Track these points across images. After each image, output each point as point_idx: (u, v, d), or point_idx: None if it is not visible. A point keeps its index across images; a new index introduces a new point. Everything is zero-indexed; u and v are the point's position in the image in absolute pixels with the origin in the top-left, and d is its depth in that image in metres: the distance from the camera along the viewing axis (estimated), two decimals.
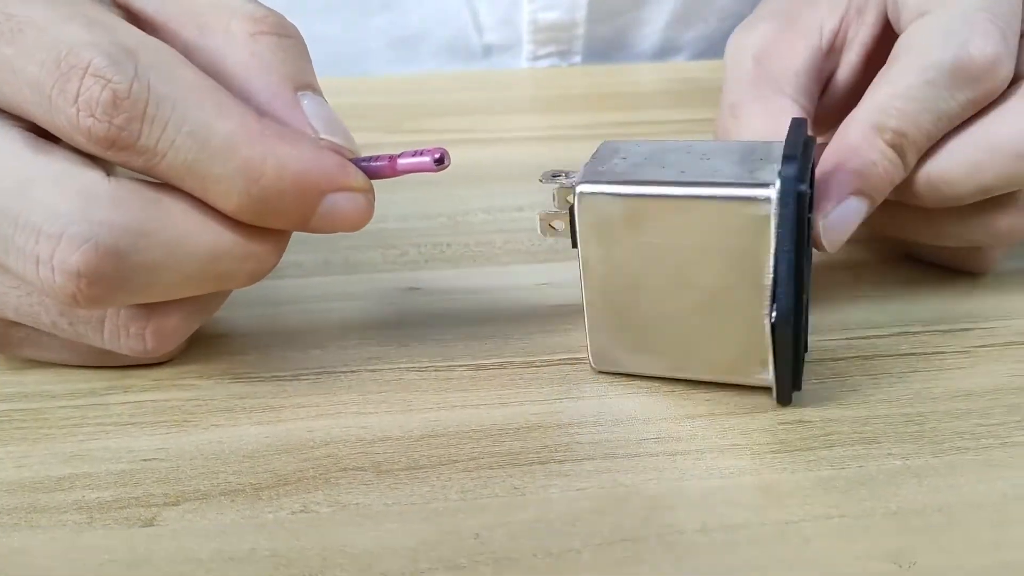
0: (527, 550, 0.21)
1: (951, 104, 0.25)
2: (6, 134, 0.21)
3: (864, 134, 0.26)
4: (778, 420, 0.24)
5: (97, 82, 0.19)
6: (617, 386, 0.26)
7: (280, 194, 0.21)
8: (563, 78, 0.51)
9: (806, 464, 0.23)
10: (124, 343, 0.23)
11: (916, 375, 0.26)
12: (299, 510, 0.22)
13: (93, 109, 0.19)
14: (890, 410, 0.25)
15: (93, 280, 0.20)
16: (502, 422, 0.24)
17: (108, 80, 0.19)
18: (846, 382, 0.26)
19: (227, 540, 0.21)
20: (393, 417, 0.25)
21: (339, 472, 0.23)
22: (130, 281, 0.21)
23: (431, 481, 0.23)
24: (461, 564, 0.20)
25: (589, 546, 0.21)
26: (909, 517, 0.21)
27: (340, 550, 0.21)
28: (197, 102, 0.20)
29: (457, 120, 0.45)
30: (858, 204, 0.26)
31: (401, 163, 0.24)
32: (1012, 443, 0.24)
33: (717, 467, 0.23)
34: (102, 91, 0.19)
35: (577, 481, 0.22)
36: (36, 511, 0.22)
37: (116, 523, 0.21)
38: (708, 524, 0.21)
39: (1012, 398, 0.25)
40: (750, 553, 0.21)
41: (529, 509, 0.22)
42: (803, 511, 0.22)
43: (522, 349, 0.27)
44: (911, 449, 0.23)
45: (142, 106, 0.19)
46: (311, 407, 0.25)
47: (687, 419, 0.24)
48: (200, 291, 0.22)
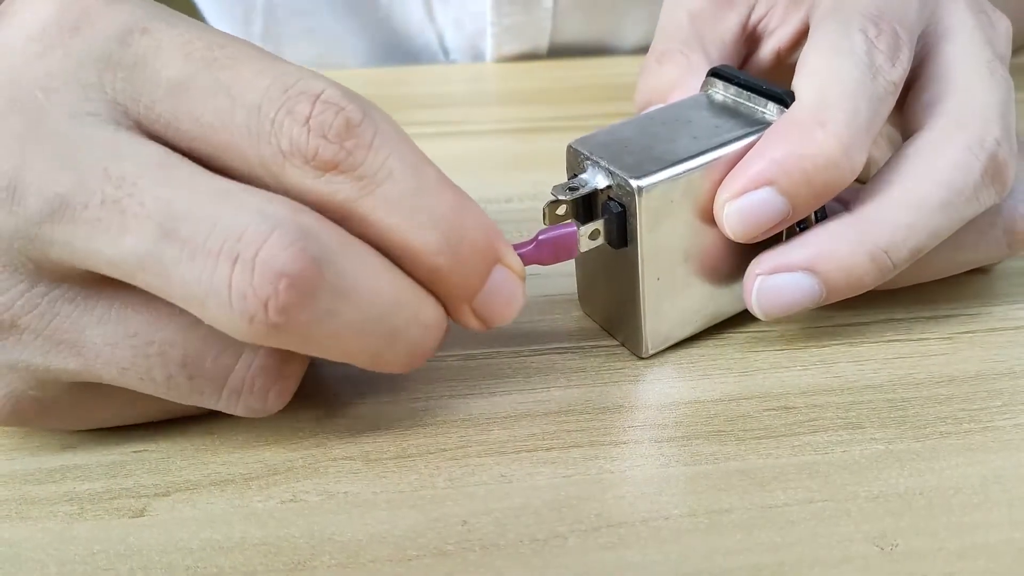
0: (514, 536, 0.21)
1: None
2: (191, 164, 0.20)
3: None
4: (764, 406, 0.25)
5: (330, 108, 0.20)
6: (604, 374, 0.26)
7: (472, 245, 0.21)
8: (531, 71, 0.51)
9: (791, 449, 0.23)
10: (242, 401, 0.22)
11: (900, 361, 0.26)
12: (288, 499, 0.22)
13: (325, 131, 0.19)
14: (874, 396, 0.25)
15: (293, 283, 0.19)
16: (491, 411, 0.25)
17: (342, 107, 0.20)
18: (831, 368, 0.26)
19: (217, 529, 0.21)
20: (382, 407, 0.25)
21: (328, 461, 0.23)
22: (319, 303, 0.19)
23: (419, 469, 0.23)
24: (448, 551, 0.21)
25: (575, 532, 0.21)
26: (891, 500, 0.22)
27: (329, 538, 0.21)
28: (410, 145, 0.21)
29: (427, 113, 0.45)
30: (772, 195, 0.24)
31: (542, 238, 0.24)
32: (993, 427, 0.24)
33: (703, 453, 0.23)
34: (336, 116, 0.19)
35: (564, 468, 0.23)
36: (27, 503, 0.22)
37: (107, 514, 0.22)
38: (693, 509, 0.22)
39: (994, 383, 0.25)
40: (735, 537, 0.21)
41: (516, 496, 0.22)
42: (787, 495, 0.22)
43: (511, 339, 0.28)
44: (894, 434, 0.24)
45: (370, 136, 0.20)
46: (300, 398, 0.25)
47: (673, 406, 0.25)
48: (364, 344, 0.21)
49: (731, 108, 0.26)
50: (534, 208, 0.32)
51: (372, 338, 0.20)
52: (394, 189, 0.20)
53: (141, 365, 0.21)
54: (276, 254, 0.19)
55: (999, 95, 0.26)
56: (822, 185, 0.24)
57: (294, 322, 0.19)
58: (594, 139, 0.25)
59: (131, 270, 0.19)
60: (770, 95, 0.26)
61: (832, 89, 0.24)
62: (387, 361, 0.21)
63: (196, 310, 0.19)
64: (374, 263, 0.20)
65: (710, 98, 0.27)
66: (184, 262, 0.19)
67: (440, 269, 0.21)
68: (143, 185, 0.19)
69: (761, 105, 0.26)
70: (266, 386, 0.21)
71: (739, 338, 0.27)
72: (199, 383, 0.21)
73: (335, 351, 0.20)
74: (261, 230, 0.19)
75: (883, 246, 0.24)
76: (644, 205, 0.24)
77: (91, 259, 0.19)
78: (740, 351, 0.27)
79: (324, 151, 0.19)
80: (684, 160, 0.24)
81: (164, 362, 0.21)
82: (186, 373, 0.21)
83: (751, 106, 0.26)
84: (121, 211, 0.19)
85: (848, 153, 0.24)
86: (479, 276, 0.21)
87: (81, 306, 0.20)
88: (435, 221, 0.20)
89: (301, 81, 0.20)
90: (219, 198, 0.19)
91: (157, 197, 0.19)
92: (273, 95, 0.20)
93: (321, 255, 0.19)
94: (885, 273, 0.25)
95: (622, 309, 0.26)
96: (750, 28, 0.31)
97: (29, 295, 0.20)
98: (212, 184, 0.19)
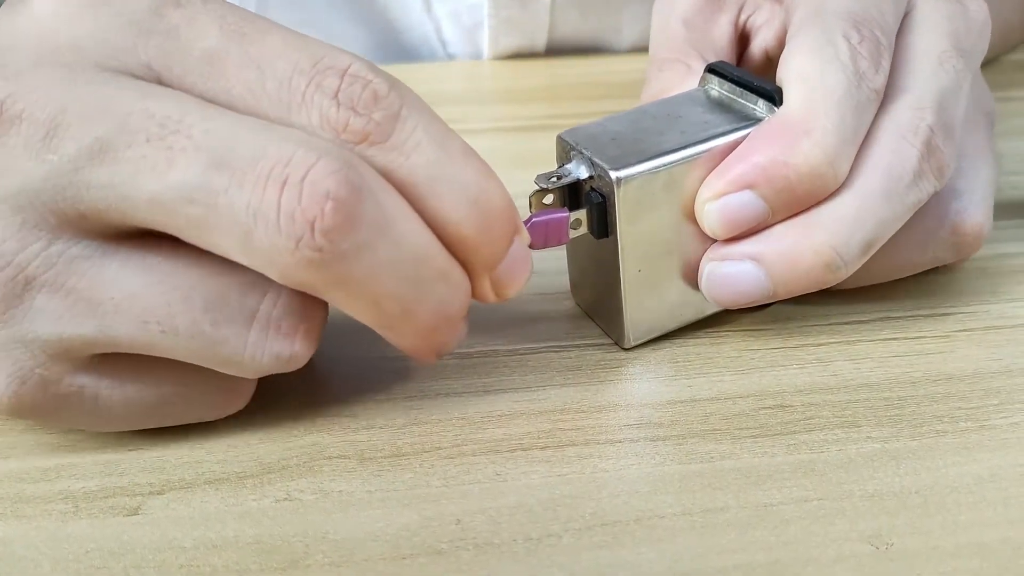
0: (508, 535, 0.21)
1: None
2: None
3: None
4: (759, 405, 0.25)
5: (358, 81, 0.20)
6: (600, 372, 0.26)
7: (499, 215, 0.21)
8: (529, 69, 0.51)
9: (786, 448, 0.23)
10: (269, 346, 0.21)
11: (897, 359, 0.26)
12: (283, 498, 0.22)
13: (354, 104, 0.20)
14: (871, 394, 0.25)
15: (338, 206, 0.19)
16: (486, 409, 0.25)
17: (369, 80, 0.20)
18: (828, 367, 0.26)
19: (211, 528, 0.21)
20: (377, 405, 0.25)
21: (323, 460, 0.23)
22: (360, 232, 0.19)
23: (414, 468, 0.23)
24: (442, 549, 0.21)
25: (569, 531, 0.21)
26: (887, 499, 0.22)
27: (323, 537, 0.21)
28: (436, 117, 0.21)
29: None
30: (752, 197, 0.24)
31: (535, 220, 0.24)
32: (990, 426, 0.24)
33: (697, 452, 0.23)
34: (363, 90, 0.20)
35: (558, 467, 0.23)
36: (22, 501, 0.22)
37: (101, 512, 0.22)
38: (688, 508, 0.22)
39: (991, 382, 0.25)
40: (729, 536, 0.21)
41: (510, 495, 0.22)
42: (782, 494, 0.22)
43: (507, 338, 0.28)
44: (890, 432, 0.24)
45: (397, 107, 0.20)
46: (295, 396, 0.25)
47: (668, 404, 0.25)
48: (395, 289, 0.20)
49: (725, 104, 0.26)
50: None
51: (403, 284, 0.20)
52: (422, 160, 0.20)
53: (163, 314, 0.20)
54: (323, 178, 0.19)
55: (940, 84, 0.25)
56: (804, 193, 0.24)
57: (335, 250, 0.19)
58: (583, 130, 0.26)
59: (175, 205, 0.19)
60: (760, 92, 0.25)
61: (819, 96, 0.24)
62: (413, 319, 0.21)
63: (239, 242, 0.19)
64: (409, 208, 0.21)
65: (706, 94, 0.27)
66: (233, 189, 0.19)
67: (468, 239, 0.21)
68: (189, 121, 0.19)
69: (752, 102, 0.26)
70: (293, 327, 0.21)
71: (735, 336, 0.27)
72: (223, 331, 0.21)
73: (366, 294, 0.20)
74: (309, 157, 0.19)
75: (828, 240, 0.24)
76: (622, 196, 0.24)
77: (129, 200, 0.19)
78: (736, 349, 0.27)
79: (354, 123, 0.20)
80: (667, 153, 0.24)
81: (188, 308, 0.21)
82: (210, 319, 0.21)
83: (743, 103, 0.26)
84: (168, 147, 0.19)
85: (833, 163, 0.24)
86: (503, 246, 0.22)
87: (99, 263, 0.20)
88: (464, 192, 0.21)
89: (329, 56, 0.20)
90: (265, 130, 0.19)
91: (206, 130, 0.19)
92: (303, 68, 0.20)
93: (363, 185, 0.19)
94: (833, 268, 0.24)
95: (606, 299, 0.26)
96: (740, 26, 0.31)
97: (46, 253, 0.20)
98: (256, 121, 0.20)
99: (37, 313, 0.20)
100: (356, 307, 0.21)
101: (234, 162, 0.19)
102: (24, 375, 0.21)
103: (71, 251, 0.20)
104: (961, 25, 0.27)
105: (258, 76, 0.20)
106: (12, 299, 0.20)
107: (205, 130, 0.19)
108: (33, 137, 0.20)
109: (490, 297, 0.23)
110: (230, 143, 0.19)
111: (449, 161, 0.21)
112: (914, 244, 0.27)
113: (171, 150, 0.19)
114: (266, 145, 0.19)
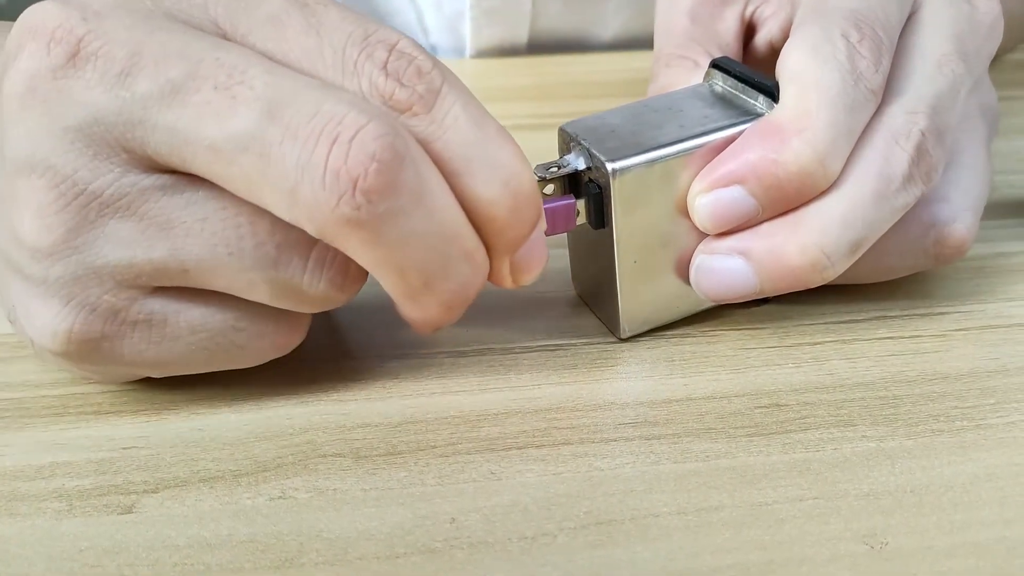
0: (502, 534, 0.21)
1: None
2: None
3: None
4: (755, 404, 0.25)
5: (404, 56, 0.21)
6: (596, 371, 0.26)
7: (527, 198, 0.22)
8: (511, 68, 0.51)
9: (782, 447, 0.23)
10: (327, 271, 0.22)
11: (893, 359, 0.26)
12: (277, 496, 0.22)
13: (400, 75, 0.21)
14: (866, 393, 0.25)
15: (381, 169, 0.20)
16: (481, 408, 0.25)
17: (415, 57, 0.21)
18: (824, 366, 0.26)
19: (205, 526, 0.21)
20: (372, 404, 0.25)
21: (318, 458, 0.23)
22: (397, 197, 0.20)
23: (408, 466, 0.23)
24: (436, 548, 0.21)
25: (564, 530, 0.21)
26: (882, 499, 0.22)
27: (317, 535, 0.21)
28: (474, 98, 0.22)
29: None
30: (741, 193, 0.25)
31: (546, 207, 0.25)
32: (985, 425, 0.24)
33: (693, 450, 0.23)
34: (409, 64, 0.21)
35: (553, 466, 0.23)
36: (16, 499, 0.22)
37: (95, 510, 0.22)
38: (683, 507, 0.22)
39: (987, 381, 0.25)
40: (724, 535, 0.21)
41: (505, 494, 0.22)
42: (777, 493, 0.22)
43: (502, 336, 0.28)
44: (886, 432, 0.24)
45: (439, 83, 0.21)
46: (291, 395, 0.25)
47: (664, 403, 0.25)
48: (423, 257, 0.21)
49: (727, 99, 0.26)
50: None
51: (431, 255, 0.21)
52: (459, 137, 0.21)
53: (232, 235, 0.22)
54: (371, 140, 0.20)
55: (937, 88, 0.25)
56: (794, 191, 0.24)
57: (373, 211, 0.20)
58: (584, 123, 0.26)
59: (232, 153, 0.20)
60: (761, 88, 0.25)
61: (812, 95, 0.24)
62: (433, 294, 0.22)
63: (285, 197, 0.20)
64: (445, 184, 0.21)
65: (710, 88, 0.27)
66: (286, 142, 0.20)
67: (496, 220, 0.22)
68: (253, 73, 0.20)
69: (754, 97, 0.26)
70: (345, 261, 0.22)
71: (731, 335, 0.27)
72: (287, 253, 0.22)
73: (394, 260, 0.21)
74: (360, 118, 0.20)
75: (815, 240, 0.24)
76: (618, 187, 0.24)
77: (191, 145, 0.20)
78: (732, 348, 0.27)
79: (400, 93, 0.21)
80: (663, 146, 0.25)
81: (254, 231, 0.22)
82: (275, 241, 0.22)
83: (745, 98, 0.26)
84: (232, 96, 0.20)
85: (823, 162, 0.24)
86: (527, 229, 0.22)
87: (170, 192, 0.21)
88: (497, 172, 0.21)
89: (380, 31, 0.21)
90: (321, 89, 0.20)
91: (267, 83, 0.20)
92: (356, 40, 0.21)
93: (407, 153, 0.20)
94: (820, 268, 0.24)
95: (603, 290, 0.27)
96: (747, 19, 0.31)
97: (119, 183, 0.21)
98: (313, 80, 0.21)
99: (108, 239, 0.21)
100: (382, 272, 0.21)
101: (290, 116, 0.20)
102: (94, 303, 0.22)
103: (143, 183, 0.21)
104: (966, 27, 0.27)
105: (316, 43, 0.21)
106: (84, 225, 0.21)
107: (266, 83, 0.20)
108: (109, 73, 0.20)
109: (507, 281, 0.23)
110: (289, 97, 0.20)
111: (485, 140, 0.21)
112: (897, 249, 0.27)
113: (235, 99, 0.20)
114: (322, 102, 0.20)
